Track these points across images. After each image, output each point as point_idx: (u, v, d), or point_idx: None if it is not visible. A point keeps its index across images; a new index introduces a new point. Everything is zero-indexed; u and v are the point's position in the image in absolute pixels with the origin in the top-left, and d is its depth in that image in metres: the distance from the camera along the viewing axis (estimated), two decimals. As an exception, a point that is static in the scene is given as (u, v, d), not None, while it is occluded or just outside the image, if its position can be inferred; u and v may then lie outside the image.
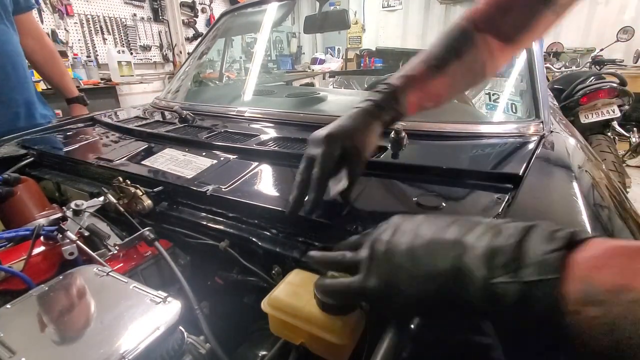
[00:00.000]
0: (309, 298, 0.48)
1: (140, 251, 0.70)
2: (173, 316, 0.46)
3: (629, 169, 3.67)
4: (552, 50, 4.41)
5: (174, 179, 0.80)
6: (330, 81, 3.07)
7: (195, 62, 1.81)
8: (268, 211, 0.67)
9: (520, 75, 1.12)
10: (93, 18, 4.31)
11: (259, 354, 0.60)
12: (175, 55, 5.34)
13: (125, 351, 0.40)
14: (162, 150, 0.96)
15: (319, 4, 1.84)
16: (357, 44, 6.78)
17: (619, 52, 4.54)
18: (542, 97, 0.98)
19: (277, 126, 1.10)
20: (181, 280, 0.62)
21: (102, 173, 0.92)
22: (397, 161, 0.79)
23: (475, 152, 0.83)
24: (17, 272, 0.56)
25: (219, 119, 1.22)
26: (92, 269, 0.56)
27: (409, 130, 0.88)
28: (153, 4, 4.95)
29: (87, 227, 0.71)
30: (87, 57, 4.25)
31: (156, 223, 0.76)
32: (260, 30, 1.61)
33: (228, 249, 0.67)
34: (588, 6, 5.22)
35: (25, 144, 1.09)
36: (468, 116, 1.30)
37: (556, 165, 0.76)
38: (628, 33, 3.68)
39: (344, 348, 0.45)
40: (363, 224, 0.58)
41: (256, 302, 0.51)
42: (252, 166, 0.83)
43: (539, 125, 0.91)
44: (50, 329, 0.44)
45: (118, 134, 1.16)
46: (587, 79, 3.25)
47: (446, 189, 0.68)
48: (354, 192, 0.65)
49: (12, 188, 0.79)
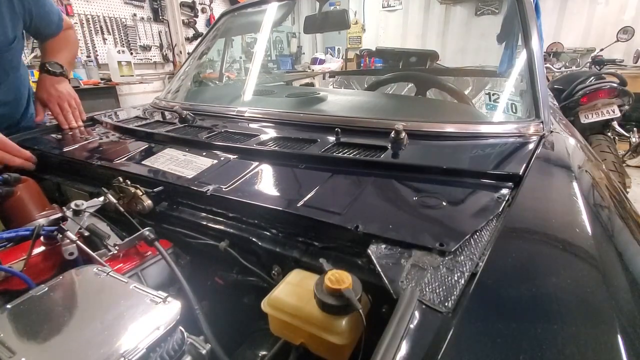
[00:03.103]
0: (309, 298, 0.48)
1: (140, 251, 0.70)
2: (173, 316, 0.46)
3: (629, 169, 3.67)
4: (552, 50, 4.42)
5: (174, 179, 0.80)
6: (330, 81, 3.07)
7: (195, 62, 1.81)
8: (268, 211, 0.67)
9: (520, 75, 1.12)
10: (93, 18, 4.31)
11: (259, 354, 0.60)
12: (175, 55, 5.35)
13: (125, 351, 0.40)
14: (162, 150, 0.96)
15: (319, 4, 1.84)
16: (357, 44, 6.78)
17: (619, 52, 4.55)
18: (542, 97, 0.98)
19: (277, 126, 1.10)
20: (181, 280, 0.62)
21: (102, 173, 0.91)
22: (397, 161, 0.79)
23: (475, 152, 0.83)
24: (17, 272, 0.55)
25: (219, 119, 1.22)
26: (92, 269, 0.56)
27: (409, 130, 0.88)
28: (153, 4, 4.95)
29: (87, 227, 0.71)
30: (87, 57, 4.26)
31: (156, 223, 0.76)
32: (260, 30, 1.61)
33: (228, 249, 0.67)
34: (588, 6, 5.23)
35: (25, 144, 1.09)
36: (468, 116, 1.30)
37: (556, 165, 0.76)
38: (628, 33, 3.68)
39: (344, 348, 0.45)
40: (363, 224, 0.58)
41: (256, 302, 0.51)
42: (252, 166, 0.83)
43: (539, 125, 0.91)
44: (50, 329, 0.44)
45: (118, 134, 1.16)
46: (587, 79, 3.25)
47: (446, 189, 0.68)
48: (354, 192, 0.65)
49: (12, 188, 0.79)
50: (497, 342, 0.37)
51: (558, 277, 0.45)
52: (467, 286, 0.45)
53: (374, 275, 0.50)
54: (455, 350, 0.37)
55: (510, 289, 0.44)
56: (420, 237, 0.54)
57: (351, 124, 1.00)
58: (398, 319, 0.40)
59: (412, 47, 6.12)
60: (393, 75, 2.03)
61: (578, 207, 0.58)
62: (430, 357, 0.36)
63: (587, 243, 0.50)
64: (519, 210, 0.57)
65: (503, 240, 0.51)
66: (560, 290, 0.43)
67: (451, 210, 0.61)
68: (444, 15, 6.14)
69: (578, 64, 4.04)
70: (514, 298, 0.42)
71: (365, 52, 5.05)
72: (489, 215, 0.58)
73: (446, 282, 0.46)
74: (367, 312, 0.49)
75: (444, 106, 1.57)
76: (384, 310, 0.51)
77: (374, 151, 0.85)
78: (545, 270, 0.46)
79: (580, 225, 0.54)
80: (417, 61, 2.82)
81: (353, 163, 0.80)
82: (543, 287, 0.43)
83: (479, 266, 0.47)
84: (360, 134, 0.95)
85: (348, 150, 0.87)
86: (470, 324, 0.40)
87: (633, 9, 4.96)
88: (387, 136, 0.84)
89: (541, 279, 0.45)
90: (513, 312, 0.40)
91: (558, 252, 0.50)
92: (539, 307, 0.41)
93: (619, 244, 0.56)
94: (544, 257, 0.49)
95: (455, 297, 0.44)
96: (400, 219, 0.60)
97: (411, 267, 0.50)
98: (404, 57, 2.94)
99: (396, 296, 0.45)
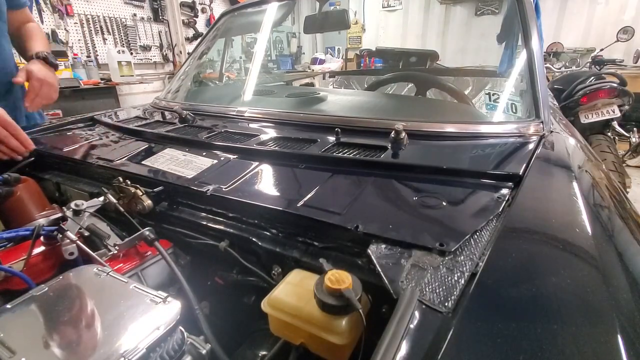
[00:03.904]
0: (309, 298, 0.48)
1: (140, 251, 0.70)
2: (173, 316, 0.46)
3: (629, 169, 3.66)
4: (552, 50, 4.41)
5: (174, 179, 0.80)
6: (330, 81, 3.06)
7: (195, 62, 1.81)
8: (268, 211, 0.67)
9: (520, 75, 1.12)
10: (93, 18, 4.31)
11: (259, 354, 0.60)
12: (175, 55, 5.34)
13: (125, 351, 0.40)
14: (163, 150, 0.96)
15: (319, 4, 1.84)
16: (357, 44, 6.78)
17: (619, 52, 4.54)
18: (542, 97, 0.98)
19: (277, 126, 1.10)
20: (181, 280, 0.62)
21: (102, 173, 0.92)
22: (397, 161, 0.79)
23: (476, 152, 0.83)
24: (17, 272, 0.55)
25: (219, 119, 1.22)
26: (92, 269, 0.56)
27: (409, 130, 0.88)
28: (153, 4, 4.94)
29: (87, 227, 0.71)
30: (87, 57, 4.25)
31: (156, 223, 0.76)
32: (260, 30, 1.61)
33: (228, 249, 0.67)
34: (588, 6, 5.23)
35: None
36: (468, 116, 1.30)
37: (556, 165, 0.76)
38: (628, 33, 3.68)
39: (344, 348, 0.45)
40: (363, 224, 0.58)
41: (256, 302, 0.51)
42: (253, 166, 0.83)
43: (539, 125, 0.91)
44: (50, 329, 0.44)
45: (118, 134, 1.16)
46: (587, 79, 3.25)
47: (446, 189, 0.68)
48: (354, 192, 0.65)
49: (12, 188, 0.79)
50: (497, 342, 0.37)
51: (558, 277, 0.45)
52: (467, 286, 0.45)
53: (374, 275, 0.50)
54: (455, 350, 0.37)
55: (510, 289, 0.44)
56: (420, 237, 0.54)
57: (351, 124, 1.00)
58: (398, 319, 0.40)
59: (412, 47, 6.11)
60: (393, 75, 2.03)
61: (578, 207, 0.58)
62: (430, 357, 0.36)
63: (587, 243, 0.50)
64: (519, 210, 0.57)
65: (503, 240, 0.51)
66: (560, 290, 0.43)
67: (451, 210, 0.61)
68: (444, 15, 6.14)
69: (578, 64, 4.03)
70: (514, 298, 0.42)
71: (365, 52, 5.04)
72: (489, 215, 0.58)
73: (446, 282, 0.46)
74: (367, 312, 0.49)
75: (444, 106, 1.57)
76: (384, 310, 0.51)
77: (374, 151, 0.85)
78: (545, 270, 0.46)
79: (580, 225, 0.54)
80: (417, 61, 2.82)
81: (353, 163, 0.80)
82: (543, 287, 0.43)
83: (479, 266, 0.47)
84: (360, 134, 0.95)
85: (348, 150, 0.87)
86: (470, 324, 0.40)
87: (633, 9, 4.96)
88: (387, 136, 0.84)
89: (541, 279, 0.45)
90: (513, 312, 0.40)
91: (558, 252, 0.50)
92: (539, 307, 0.41)
93: (619, 244, 0.56)
94: (544, 257, 0.49)
95: (455, 297, 0.44)
96: (400, 219, 0.60)
97: (411, 267, 0.50)
98: (404, 57, 2.94)
99: (396, 296, 0.45)
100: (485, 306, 0.42)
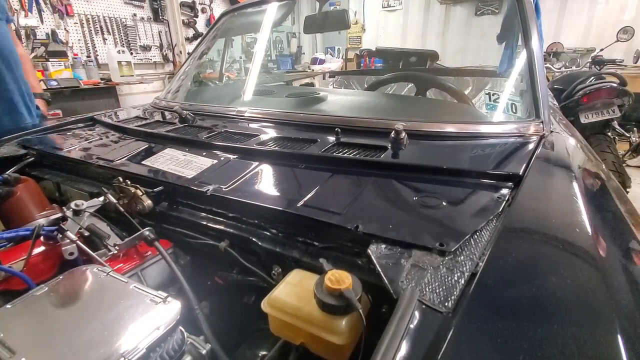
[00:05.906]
0: (309, 298, 0.48)
1: (140, 251, 0.70)
2: (173, 316, 0.46)
3: (629, 169, 3.66)
4: (552, 50, 4.41)
5: (175, 179, 0.80)
6: (330, 81, 3.06)
7: (195, 62, 1.81)
8: (268, 211, 0.67)
9: (520, 75, 1.12)
10: (93, 18, 4.31)
11: (259, 354, 0.60)
12: (175, 55, 5.34)
13: (125, 351, 0.40)
14: (163, 150, 0.96)
15: (319, 4, 1.84)
16: (357, 44, 6.78)
17: (619, 52, 4.54)
18: (542, 97, 0.98)
19: (277, 126, 1.10)
20: (181, 280, 0.62)
21: (102, 173, 0.91)
22: (397, 161, 0.79)
23: (476, 152, 0.83)
24: (17, 272, 0.56)
25: (219, 119, 1.22)
26: (92, 269, 0.56)
27: (409, 130, 0.88)
28: (153, 4, 4.94)
29: (87, 227, 0.71)
30: (87, 57, 4.25)
31: (156, 223, 0.76)
32: (260, 30, 1.61)
33: (228, 249, 0.67)
34: (588, 6, 5.23)
35: (25, 144, 1.09)
36: (468, 116, 1.30)
37: (556, 165, 0.76)
38: (628, 33, 3.68)
39: (344, 348, 0.45)
40: (363, 224, 0.57)
41: (256, 302, 0.51)
42: (253, 166, 0.83)
43: (539, 125, 0.91)
44: (50, 329, 0.44)
45: (118, 134, 1.16)
46: (587, 79, 3.24)
47: (446, 189, 0.68)
48: (354, 192, 0.65)
49: (12, 188, 0.79)
50: (497, 342, 0.37)
51: (558, 277, 0.45)
52: (467, 286, 0.45)
53: (374, 275, 0.50)
54: (455, 350, 0.37)
55: (510, 289, 0.44)
56: (420, 237, 0.54)
57: (351, 124, 1.00)
58: (398, 319, 0.40)
59: (412, 47, 6.11)
60: (393, 75, 2.03)
61: (578, 207, 0.58)
62: (430, 357, 0.36)
63: (587, 243, 0.50)
64: (519, 210, 0.57)
65: (503, 240, 0.51)
66: (560, 290, 0.43)
67: (451, 210, 0.61)
68: (444, 15, 6.14)
69: (578, 64, 4.03)
70: (514, 298, 0.42)
71: (365, 52, 5.04)
72: (489, 215, 0.58)
73: (446, 282, 0.46)
74: (367, 312, 0.49)
75: (444, 106, 1.56)
76: (384, 310, 0.51)
77: (374, 151, 0.85)
78: (545, 270, 0.46)
79: (580, 225, 0.54)
80: (417, 61, 2.82)
81: (353, 163, 0.80)
82: (543, 287, 0.43)
83: (479, 266, 0.47)
84: (360, 134, 0.95)
85: (348, 150, 0.87)
86: (470, 324, 0.40)
87: (633, 9, 4.95)
88: (387, 136, 0.84)
89: (541, 279, 0.45)
90: (513, 312, 0.40)
91: (558, 252, 0.50)
92: (539, 307, 0.41)
93: (619, 244, 0.56)
94: (544, 257, 0.49)
95: (455, 297, 0.44)
96: (400, 218, 0.60)
97: (411, 267, 0.50)
98: (404, 57, 2.93)
99: (396, 296, 0.45)
100: (485, 306, 0.42)
